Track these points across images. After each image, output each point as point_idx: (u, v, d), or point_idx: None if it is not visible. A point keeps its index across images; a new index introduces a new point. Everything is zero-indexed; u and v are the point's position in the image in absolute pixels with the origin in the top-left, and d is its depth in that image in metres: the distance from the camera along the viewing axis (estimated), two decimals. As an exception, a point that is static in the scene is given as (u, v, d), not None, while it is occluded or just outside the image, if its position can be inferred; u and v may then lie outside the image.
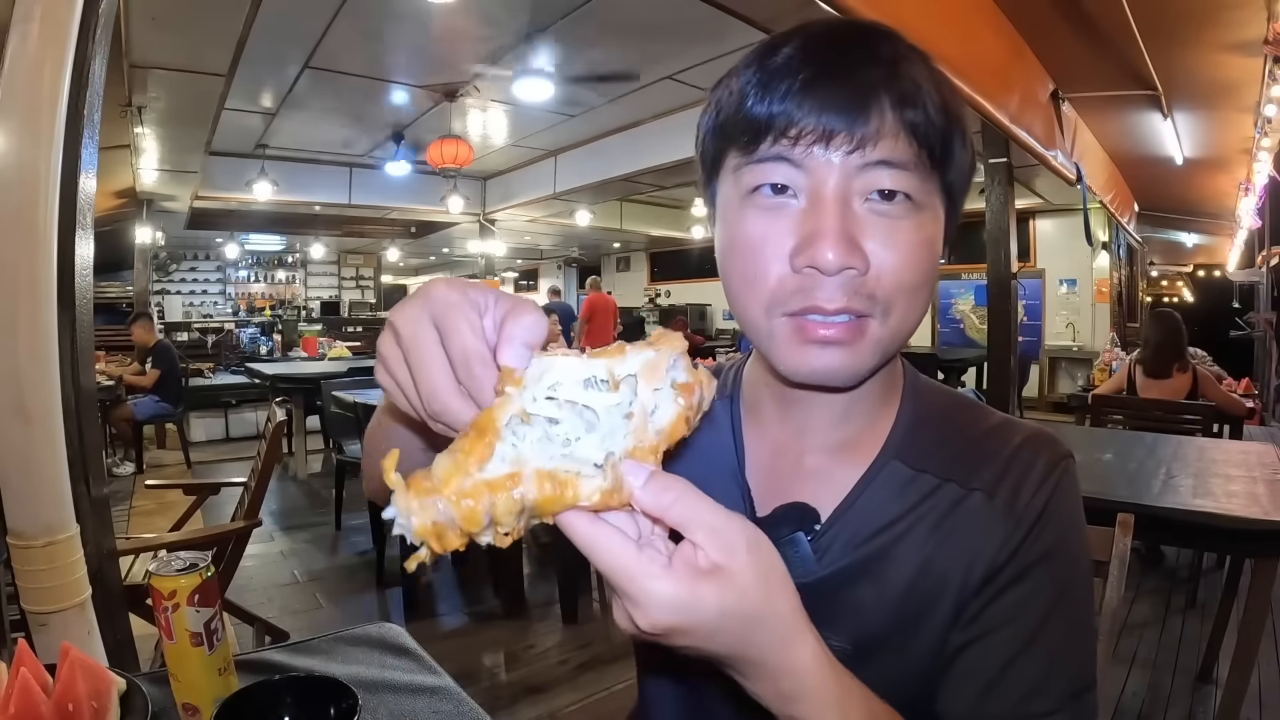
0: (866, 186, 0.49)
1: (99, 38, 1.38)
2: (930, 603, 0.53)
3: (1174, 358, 3.55)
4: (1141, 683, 2.36)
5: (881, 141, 0.48)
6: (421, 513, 0.34)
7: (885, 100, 0.48)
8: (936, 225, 0.52)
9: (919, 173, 0.49)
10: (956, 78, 2.40)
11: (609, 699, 2.30)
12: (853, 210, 0.48)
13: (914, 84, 0.49)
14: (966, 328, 8.96)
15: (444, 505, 0.34)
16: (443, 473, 0.34)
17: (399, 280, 16.46)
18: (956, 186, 0.53)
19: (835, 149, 0.48)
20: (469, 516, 0.34)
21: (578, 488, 0.35)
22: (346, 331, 9.88)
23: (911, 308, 0.50)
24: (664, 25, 3.81)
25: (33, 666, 0.67)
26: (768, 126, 0.49)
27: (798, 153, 0.48)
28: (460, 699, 0.83)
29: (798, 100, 0.48)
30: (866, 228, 0.48)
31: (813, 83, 0.48)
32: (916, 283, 0.50)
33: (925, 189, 0.50)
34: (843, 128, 0.47)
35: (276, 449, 2.33)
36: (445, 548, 0.34)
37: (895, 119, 0.48)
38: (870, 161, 0.48)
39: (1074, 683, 0.51)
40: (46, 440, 1.32)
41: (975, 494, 0.54)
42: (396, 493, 0.34)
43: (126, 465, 5.22)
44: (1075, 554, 0.54)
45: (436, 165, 5.70)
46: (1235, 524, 1.64)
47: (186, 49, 3.81)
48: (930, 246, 0.51)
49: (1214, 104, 4.17)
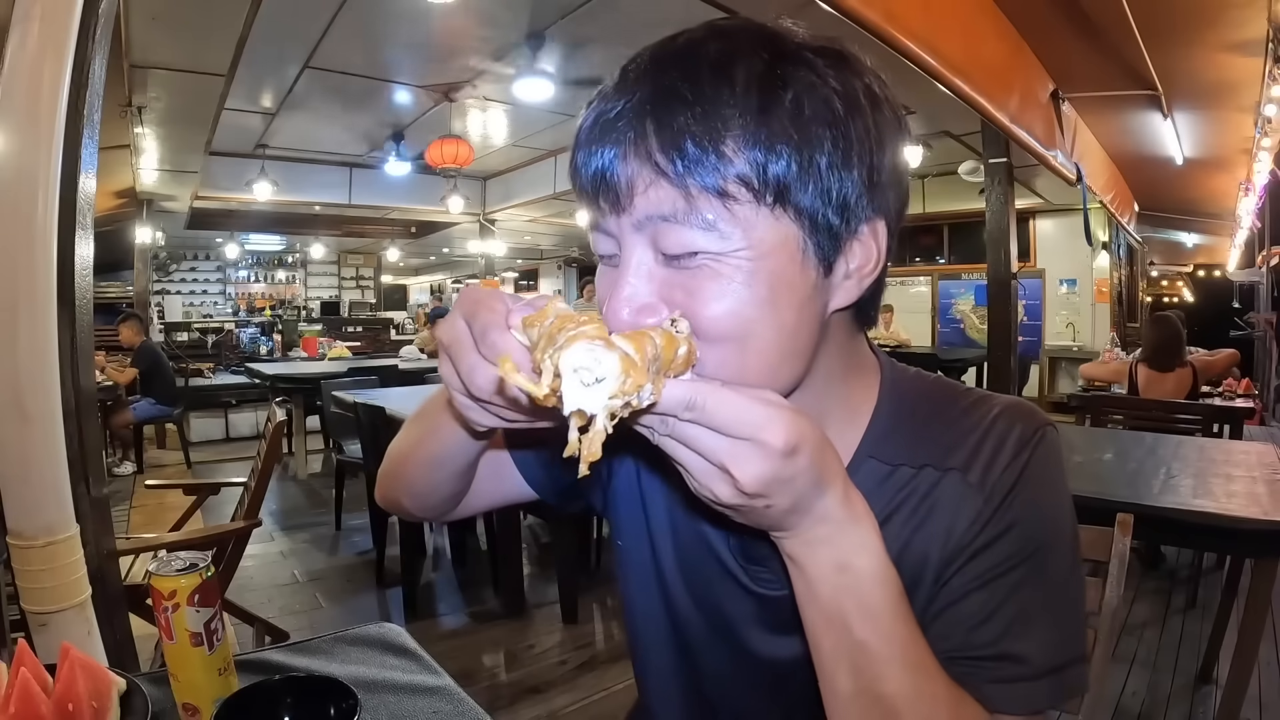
0: (655, 243, 0.45)
1: (99, 38, 1.38)
2: (912, 589, 0.52)
3: (1174, 357, 3.59)
4: (1141, 683, 2.36)
5: (640, 196, 0.44)
6: (611, 351, 0.34)
7: (643, 145, 0.43)
8: (772, 262, 0.44)
9: (698, 221, 0.43)
10: (956, 78, 2.41)
11: (609, 699, 2.30)
12: (649, 270, 0.45)
13: (686, 117, 0.42)
14: (966, 328, 8.95)
15: (620, 341, 0.35)
16: (597, 329, 0.36)
17: (399, 280, 16.45)
18: (823, 206, 0.45)
19: (613, 207, 0.45)
20: (641, 350, 0.36)
21: (675, 337, 0.41)
22: (346, 331, 9.87)
23: (726, 360, 0.45)
24: (664, 25, 3.80)
25: (33, 666, 0.67)
26: (575, 188, 0.48)
27: (601, 218, 0.47)
28: (460, 699, 0.83)
29: (580, 153, 0.46)
30: (665, 285, 0.45)
31: (588, 129, 0.46)
32: (723, 334, 0.44)
33: (719, 235, 0.43)
34: (602, 183, 0.45)
35: (276, 449, 2.33)
36: (632, 388, 0.34)
37: (650, 166, 0.43)
38: (639, 219, 0.44)
39: (1054, 653, 0.50)
40: (46, 440, 1.32)
41: (951, 473, 0.53)
42: (576, 343, 0.35)
43: (126, 465, 5.22)
44: (1050, 522, 0.52)
45: (436, 165, 5.70)
46: (1235, 524, 1.64)
47: (186, 49, 3.81)
48: (744, 293, 0.44)
49: (1214, 104, 4.17)
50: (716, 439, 0.39)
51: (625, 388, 0.34)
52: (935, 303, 9.19)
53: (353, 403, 3.57)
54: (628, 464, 0.67)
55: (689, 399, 0.38)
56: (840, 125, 0.44)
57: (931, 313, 9.20)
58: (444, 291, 16.14)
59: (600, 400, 0.34)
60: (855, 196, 0.46)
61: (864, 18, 1.85)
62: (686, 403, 0.38)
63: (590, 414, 0.34)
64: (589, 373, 0.34)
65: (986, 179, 3.94)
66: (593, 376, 0.34)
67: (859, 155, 0.45)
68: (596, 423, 0.35)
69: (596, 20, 3.88)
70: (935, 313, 9.18)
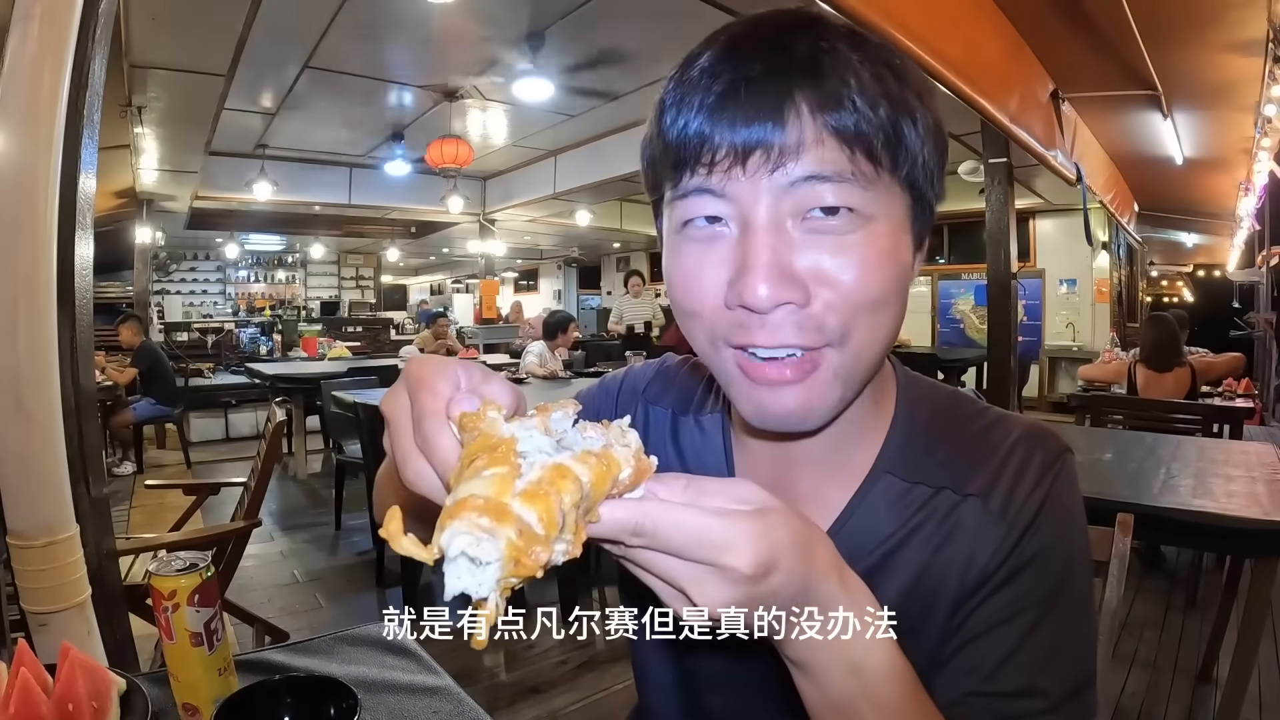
0: (800, 206, 0.44)
1: (99, 38, 1.38)
2: (926, 612, 0.52)
3: (1172, 357, 3.60)
4: (1141, 683, 2.36)
5: (805, 154, 0.43)
6: (501, 525, 0.29)
7: (803, 105, 0.43)
8: (896, 230, 0.46)
9: (860, 180, 0.44)
10: (956, 78, 2.41)
11: (609, 699, 2.30)
12: (787, 235, 0.44)
13: (839, 80, 0.43)
14: (966, 328, 8.95)
15: (520, 506, 0.29)
16: (493, 488, 0.30)
17: (399, 280, 16.45)
18: (921, 179, 0.47)
19: (755, 170, 0.44)
20: (549, 515, 0.29)
21: (618, 459, 0.34)
22: (346, 331, 9.85)
23: (875, 328, 0.46)
24: (664, 25, 3.82)
25: (33, 666, 0.67)
26: (683, 155, 0.45)
27: (717, 182, 0.45)
28: (460, 699, 0.83)
29: (709, 120, 0.44)
30: (807, 250, 0.44)
31: (722, 97, 0.44)
32: (875, 300, 0.45)
33: (872, 195, 0.44)
34: (758, 145, 0.43)
35: (276, 449, 2.33)
36: (527, 571, 0.29)
37: (818, 125, 0.43)
38: (796, 178, 0.43)
39: (1071, 681, 0.50)
40: (46, 440, 1.32)
41: (970, 500, 0.52)
42: (459, 518, 0.29)
43: (126, 465, 5.22)
44: (1071, 552, 0.52)
45: (436, 165, 5.70)
46: (1235, 524, 1.63)
47: (186, 49, 3.81)
48: (889, 257, 0.45)
49: (1214, 104, 4.16)
50: (673, 563, 0.34)
51: (518, 570, 0.29)
52: (935, 303, 9.18)
53: (352, 403, 3.57)
54: None
55: (635, 524, 0.34)
56: (922, 107, 0.46)
57: (931, 313, 9.20)
58: (444, 291, 16.15)
59: (488, 583, 0.29)
60: (938, 184, 0.49)
61: (863, 17, 1.85)
62: (632, 528, 0.34)
63: (479, 596, 0.30)
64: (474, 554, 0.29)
65: (986, 179, 3.94)
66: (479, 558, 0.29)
67: (935, 136, 0.48)
68: (488, 604, 0.30)
69: (596, 20, 3.88)
70: (935, 313, 9.18)
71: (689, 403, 0.66)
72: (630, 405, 0.69)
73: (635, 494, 0.35)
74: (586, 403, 0.72)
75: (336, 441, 4.25)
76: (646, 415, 0.68)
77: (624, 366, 0.99)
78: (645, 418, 0.68)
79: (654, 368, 0.72)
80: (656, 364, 0.72)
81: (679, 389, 0.67)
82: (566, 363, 4.96)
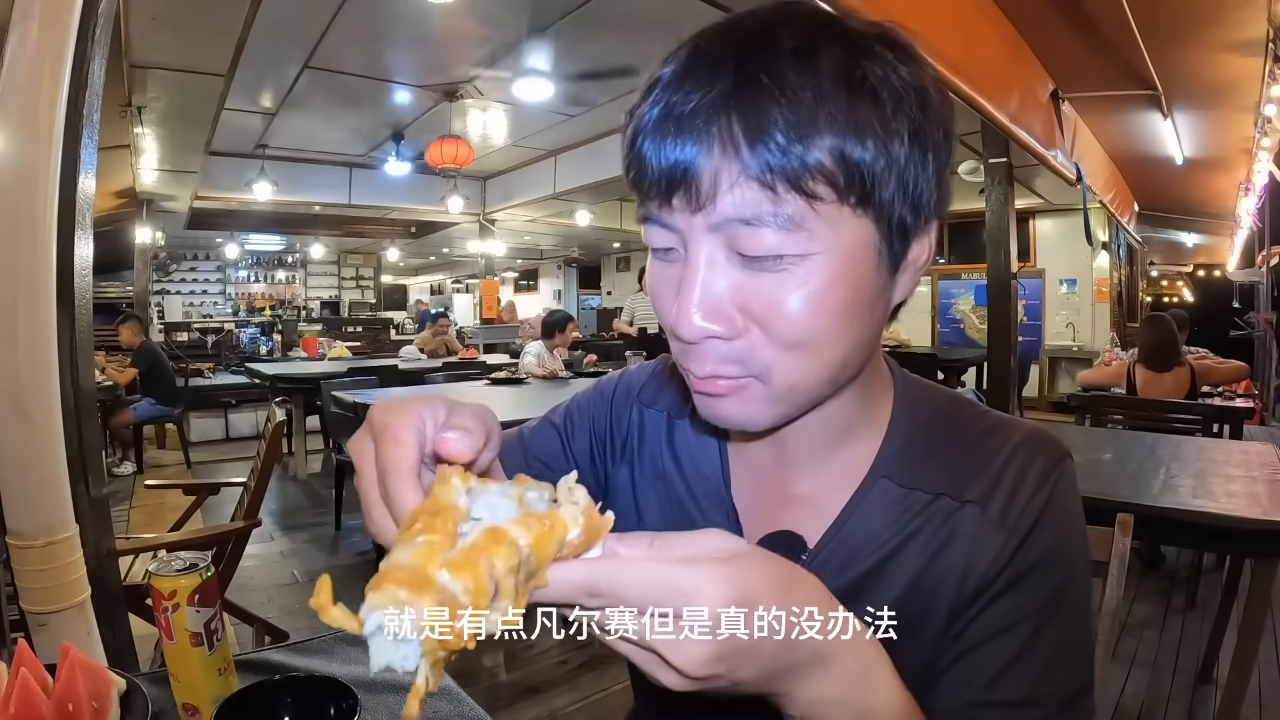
0: (730, 244, 0.42)
1: (99, 38, 1.38)
2: (921, 619, 0.51)
3: (1171, 357, 3.59)
4: (1141, 683, 2.36)
5: (722, 197, 0.41)
6: (421, 597, 0.27)
7: (727, 143, 0.40)
8: (850, 260, 0.43)
9: (783, 223, 0.40)
10: (956, 77, 2.40)
11: (609, 699, 2.30)
12: (722, 269, 0.43)
13: (771, 112, 0.39)
14: (966, 328, 8.95)
15: (447, 577, 0.28)
16: (419, 556, 0.28)
17: (399, 280, 16.45)
18: (898, 200, 0.43)
19: (683, 208, 0.42)
20: (477, 584, 0.28)
21: (563, 519, 0.31)
22: (346, 331, 9.86)
23: (800, 368, 0.45)
24: (664, 24, 3.81)
25: (33, 666, 0.67)
26: (633, 179, 0.45)
27: (661, 212, 0.44)
28: (460, 699, 0.83)
29: (647, 146, 0.42)
30: (740, 286, 0.43)
31: (658, 122, 0.42)
32: (800, 341, 0.43)
33: (804, 235, 0.41)
34: (679, 183, 0.41)
35: (276, 449, 2.33)
36: (454, 645, 0.28)
37: (736, 166, 0.40)
38: (717, 221, 0.41)
39: (1069, 687, 0.50)
40: (46, 440, 1.32)
41: (969, 506, 0.52)
42: (380, 590, 0.27)
43: (126, 465, 5.22)
44: (1071, 559, 0.52)
45: (436, 165, 5.70)
46: (1235, 524, 1.64)
47: (186, 49, 3.81)
48: (829, 293, 0.43)
49: (1214, 104, 4.17)
50: (639, 622, 0.32)
51: (443, 644, 0.28)
52: (935, 303, 9.18)
53: (352, 403, 3.57)
54: (623, 473, 0.67)
55: (589, 584, 0.32)
56: (916, 121, 0.42)
57: (931, 313, 9.20)
58: (444, 291, 16.15)
59: (412, 656, 0.28)
60: (927, 195, 0.45)
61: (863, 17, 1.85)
62: (586, 588, 0.32)
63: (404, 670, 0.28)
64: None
65: (986, 179, 3.94)
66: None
67: (933, 152, 0.44)
68: (417, 678, 0.29)
69: (596, 20, 3.88)
70: (935, 313, 9.18)
71: (685, 405, 0.65)
72: (625, 408, 0.69)
73: (593, 553, 0.33)
74: (581, 407, 0.71)
75: (336, 441, 4.25)
76: (642, 419, 0.67)
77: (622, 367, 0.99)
78: (640, 421, 0.67)
79: (649, 370, 0.71)
80: (652, 366, 0.72)
81: (675, 391, 0.67)
82: (567, 362, 4.95)
